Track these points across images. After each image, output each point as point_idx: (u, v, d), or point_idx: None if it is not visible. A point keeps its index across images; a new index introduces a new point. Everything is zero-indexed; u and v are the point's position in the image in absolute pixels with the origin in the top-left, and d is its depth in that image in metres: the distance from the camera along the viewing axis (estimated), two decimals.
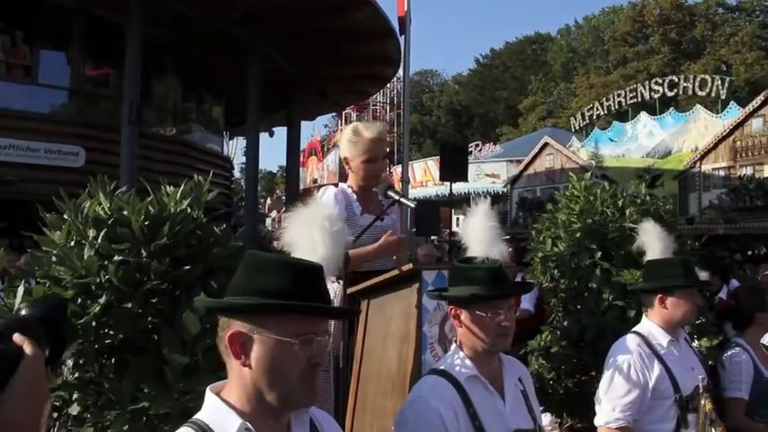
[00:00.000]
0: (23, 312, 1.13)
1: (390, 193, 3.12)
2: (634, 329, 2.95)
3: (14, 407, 0.89)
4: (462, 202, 2.53)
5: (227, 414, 1.35)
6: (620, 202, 3.99)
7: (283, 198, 29.01)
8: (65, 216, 2.33)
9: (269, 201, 36.44)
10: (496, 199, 26.04)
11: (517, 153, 29.64)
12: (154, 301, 2.21)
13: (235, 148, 24.32)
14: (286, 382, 1.33)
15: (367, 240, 3.06)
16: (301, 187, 26.80)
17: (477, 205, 2.33)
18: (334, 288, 2.76)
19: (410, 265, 2.56)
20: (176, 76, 15.22)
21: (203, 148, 15.96)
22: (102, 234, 2.23)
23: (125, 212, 2.28)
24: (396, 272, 2.60)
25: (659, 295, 2.88)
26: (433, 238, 15.87)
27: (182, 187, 2.40)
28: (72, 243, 2.29)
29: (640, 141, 26.32)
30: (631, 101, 27.25)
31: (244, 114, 14.70)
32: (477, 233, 2.27)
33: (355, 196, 3.32)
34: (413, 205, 3.03)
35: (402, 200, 3.09)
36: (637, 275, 3.49)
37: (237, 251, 2.27)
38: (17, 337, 0.96)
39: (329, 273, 1.87)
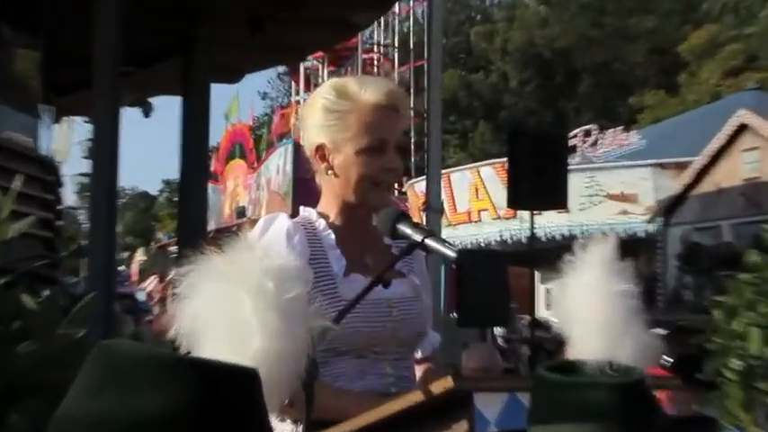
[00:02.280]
0: None
1: (403, 229, 2.19)
2: None
3: None
4: (557, 253, 1.74)
5: None
6: None
7: (171, 249, 21.75)
8: None
9: (138, 255, 27.00)
10: (633, 246, 17.88)
11: (676, 149, 19.52)
12: None
13: (69, 142, 18.04)
14: None
15: (362, 327, 2.24)
16: (212, 225, 21.56)
17: (587, 250, 1.71)
18: None
19: (448, 382, 1.90)
20: None
21: None
22: None
23: None
24: (418, 396, 1.94)
25: None
26: (497, 331, 14.84)
27: None
28: None
29: None
30: None
31: (86, 70, 10.38)
32: (591, 310, 1.70)
33: (333, 236, 2.41)
34: (453, 255, 2.23)
35: (429, 243, 2.16)
36: None
37: (73, 346, 1.73)
38: None
39: (275, 395, 1.41)
